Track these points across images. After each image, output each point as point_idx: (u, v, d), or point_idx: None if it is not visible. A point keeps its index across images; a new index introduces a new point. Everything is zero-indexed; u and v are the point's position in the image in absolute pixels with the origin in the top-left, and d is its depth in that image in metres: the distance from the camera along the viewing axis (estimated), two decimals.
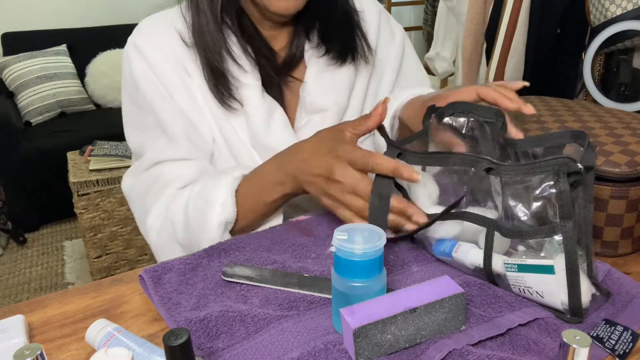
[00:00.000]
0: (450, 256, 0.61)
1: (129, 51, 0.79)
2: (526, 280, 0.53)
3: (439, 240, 0.62)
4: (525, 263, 0.53)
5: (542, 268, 0.52)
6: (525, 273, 0.53)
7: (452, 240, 0.61)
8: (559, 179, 0.51)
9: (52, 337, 0.55)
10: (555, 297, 0.52)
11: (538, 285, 0.53)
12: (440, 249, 0.62)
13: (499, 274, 0.56)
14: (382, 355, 0.48)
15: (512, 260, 0.54)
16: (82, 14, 3.32)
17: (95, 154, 2.27)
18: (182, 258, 0.65)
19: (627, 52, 1.54)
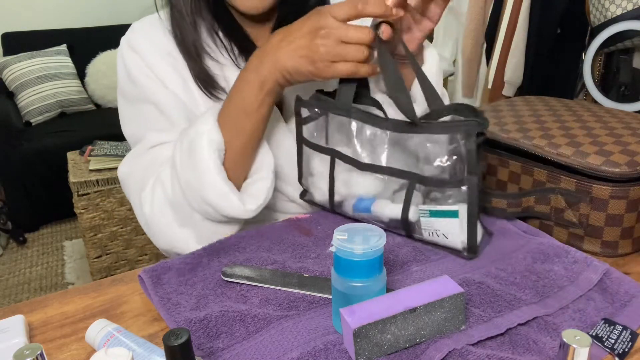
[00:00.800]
0: (369, 211, 0.69)
1: (122, 49, 0.81)
2: (435, 224, 0.64)
3: (360, 198, 0.70)
4: (436, 209, 0.63)
5: (449, 213, 0.62)
6: (435, 218, 0.63)
7: (371, 198, 0.69)
8: (469, 138, 0.59)
9: (52, 337, 0.55)
10: (457, 238, 0.63)
11: (444, 228, 0.63)
12: (361, 205, 0.69)
13: (413, 221, 0.65)
14: (382, 355, 0.48)
15: (425, 207, 0.64)
16: (82, 14, 3.32)
17: (95, 154, 2.27)
18: (182, 257, 0.65)
19: (627, 52, 1.54)
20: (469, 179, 0.60)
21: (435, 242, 0.66)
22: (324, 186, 0.73)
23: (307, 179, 0.76)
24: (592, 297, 0.56)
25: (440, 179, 0.62)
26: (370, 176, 0.68)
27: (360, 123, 0.68)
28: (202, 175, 0.68)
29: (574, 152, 0.65)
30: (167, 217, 0.74)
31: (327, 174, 0.72)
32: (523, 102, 0.84)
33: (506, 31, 1.83)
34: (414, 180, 0.64)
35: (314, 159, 0.74)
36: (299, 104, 0.72)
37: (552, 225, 0.69)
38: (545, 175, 0.68)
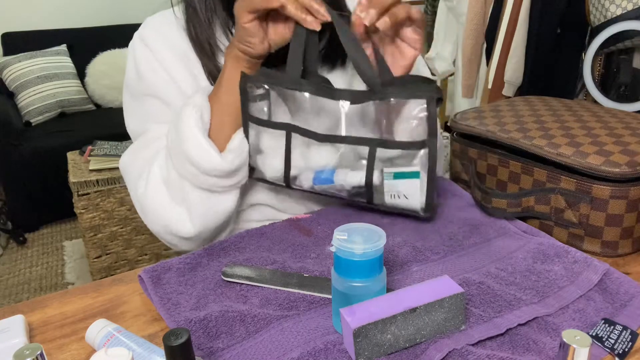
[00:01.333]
0: (331, 181, 0.70)
1: (135, 43, 0.81)
2: (398, 186, 0.67)
3: (318, 171, 0.71)
4: (399, 171, 0.67)
5: (411, 174, 0.66)
6: (398, 180, 0.67)
7: (331, 169, 0.70)
8: (431, 102, 0.63)
9: (52, 337, 0.55)
10: (417, 198, 0.67)
11: (406, 189, 0.67)
12: (322, 176, 0.70)
13: (377, 184, 0.68)
14: (382, 355, 0.48)
15: (390, 169, 0.67)
16: (82, 14, 3.32)
17: (95, 154, 2.27)
18: (182, 257, 0.65)
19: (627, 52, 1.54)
20: (430, 141, 0.64)
21: (395, 205, 0.69)
22: (276, 162, 0.73)
23: (255, 157, 0.74)
24: (592, 297, 0.56)
25: (402, 142, 0.65)
26: (329, 147, 0.69)
27: (314, 96, 0.68)
28: (182, 130, 0.70)
29: (574, 152, 0.65)
30: (161, 194, 0.74)
31: (280, 150, 0.72)
32: (523, 102, 0.84)
33: (506, 31, 1.83)
34: (374, 145, 0.66)
35: (262, 136, 0.73)
36: (245, 79, 0.70)
37: (552, 225, 0.69)
38: (545, 175, 0.68)
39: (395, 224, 0.72)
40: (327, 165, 0.71)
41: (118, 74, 3.15)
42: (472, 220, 0.71)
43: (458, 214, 0.73)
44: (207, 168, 0.70)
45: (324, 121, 0.69)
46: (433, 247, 0.66)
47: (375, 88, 0.64)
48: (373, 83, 0.64)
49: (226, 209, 0.74)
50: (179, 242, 0.76)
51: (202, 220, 0.73)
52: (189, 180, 0.72)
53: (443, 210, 0.75)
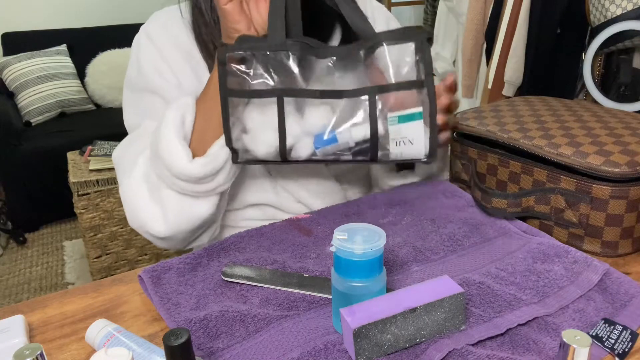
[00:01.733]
0: (335, 140, 0.66)
1: (140, 37, 0.81)
2: (403, 130, 0.65)
3: (318, 133, 0.67)
4: (403, 114, 0.65)
5: (415, 115, 0.64)
6: (402, 124, 0.65)
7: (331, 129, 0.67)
8: (423, 44, 0.63)
9: (52, 337, 0.55)
10: (421, 142, 0.65)
11: (411, 133, 0.65)
12: (324, 138, 0.67)
13: (382, 134, 0.65)
14: (382, 355, 0.48)
15: (393, 114, 0.65)
16: (82, 14, 3.32)
17: (95, 154, 2.27)
18: (182, 257, 0.65)
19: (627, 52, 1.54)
20: (427, 81, 0.63)
21: (400, 153, 0.67)
22: (269, 136, 0.68)
23: (241, 139, 0.69)
24: (592, 297, 0.56)
25: (400, 82, 0.64)
26: (326, 107, 0.67)
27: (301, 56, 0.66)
28: (160, 130, 0.70)
29: (574, 152, 0.65)
30: (141, 191, 0.74)
31: (269, 121, 0.67)
32: (523, 102, 0.84)
33: (506, 31, 1.83)
34: (373, 92, 0.64)
35: (247, 112, 0.69)
36: (224, 49, 0.65)
37: (552, 225, 0.69)
38: (545, 175, 0.68)
39: (395, 224, 0.72)
40: (326, 125, 0.67)
41: (118, 74, 3.15)
42: (472, 220, 0.71)
43: (458, 214, 0.73)
44: (175, 171, 0.69)
45: (315, 82, 0.66)
46: (433, 247, 0.66)
47: (368, 35, 0.64)
48: (367, 31, 0.64)
49: (201, 215, 0.73)
50: (154, 241, 0.76)
51: (175, 223, 0.72)
52: (164, 182, 0.71)
53: (443, 210, 0.75)
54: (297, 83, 0.66)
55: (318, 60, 0.66)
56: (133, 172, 0.75)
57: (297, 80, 0.66)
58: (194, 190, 0.71)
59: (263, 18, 0.66)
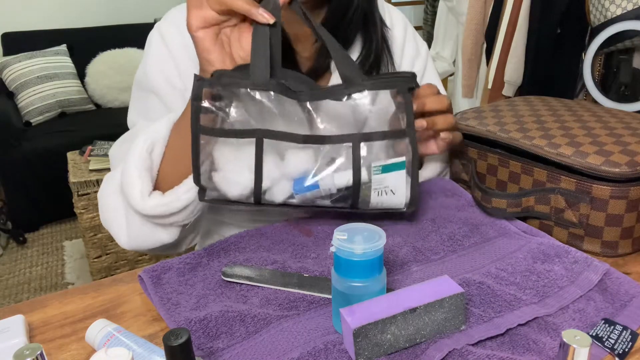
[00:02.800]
0: (316, 187, 0.64)
1: (153, 35, 0.81)
2: (386, 180, 0.65)
3: (298, 178, 0.64)
4: (387, 163, 0.65)
5: (398, 165, 0.64)
6: (386, 173, 0.65)
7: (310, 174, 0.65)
8: (406, 91, 0.63)
9: (52, 337, 0.55)
10: (402, 193, 0.65)
11: (393, 183, 0.65)
12: (305, 184, 0.64)
13: (365, 182, 0.64)
14: (382, 355, 0.48)
15: (377, 163, 0.64)
16: (82, 14, 3.33)
17: (95, 154, 2.27)
18: (182, 257, 0.65)
19: (627, 52, 1.54)
20: (409, 131, 0.63)
21: (380, 203, 0.66)
22: (244, 177, 0.63)
23: (210, 177, 0.64)
24: (592, 297, 0.56)
25: (385, 131, 0.63)
26: (307, 150, 0.64)
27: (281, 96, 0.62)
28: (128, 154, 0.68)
29: (574, 152, 0.65)
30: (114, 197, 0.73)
31: (244, 163, 0.63)
32: (523, 102, 0.84)
33: (506, 31, 1.83)
34: (357, 140, 0.63)
35: (220, 150, 0.63)
36: (200, 84, 0.61)
37: (552, 225, 0.69)
38: (545, 175, 0.68)
39: (395, 224, 0.72)
40: (308, 170, 0.64)
41: (118, 74, 3.15)
42: (472, 220, 0.71)
43: (458, 214, 0.73)
44: (130, 202, 0.68)
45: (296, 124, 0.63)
46: (433, 247, 0.66)
47: (355, 80, 0.63)
48: (352, 76, 0.63)
49: (162, 241, 0.72)
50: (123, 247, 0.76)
51: (135, 242, 0.72)
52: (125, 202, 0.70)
53: (443, 210, 0.75)
54: (276, 124, 0.62)
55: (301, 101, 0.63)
56: (114, 176, 0.74)
57: (276, 121, 0.62)
58: (153, 221, 0.70)
59: (246, 51, 0.63)
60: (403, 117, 0.64)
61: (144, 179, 0.67)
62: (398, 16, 0.92)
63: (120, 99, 3.18)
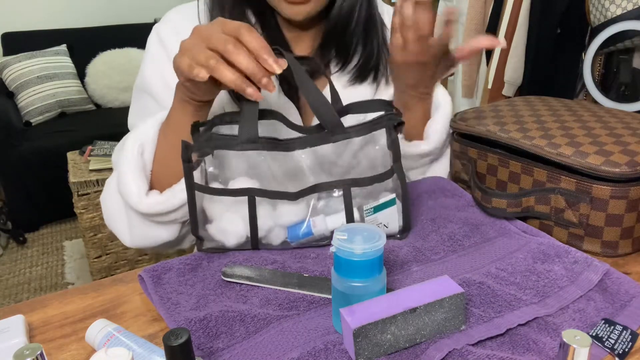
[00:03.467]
0: (310, 234, 0.66)
1: (151, 38, 0.81)
2: (378, 218, 0.66)
3: (291, 226, 0.66)
4: (378, 203, 0.66)
5: (389, 202, 0.66)
6: (378, 213, 0.66)
7: (302, 221, 0.66)
8: (391, 130, 0.63)
9: (52, 337, 0.55)
10: (395, 224, 0.67)
11: (386, 218, 0.66)
12: (299, 232, 0.66)
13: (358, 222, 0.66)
14: (382, 355, 0.48)
15: (368, 205, 0.66)
16: (82, 14, 3.33)
17: (95, 154, 2.27)
18: (182, 258, 0.65)
19: (627, 52, 1.54)
20: (397, 167, 0.64)
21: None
22: (238, 228, 0.65)
23: (205, 228, 0.66)
24: (592, 297, 0.56)
25: (373, 176, 0.64)
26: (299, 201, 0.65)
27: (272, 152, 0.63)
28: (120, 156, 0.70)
29: (574, 152, 0.65)
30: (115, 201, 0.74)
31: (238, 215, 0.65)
32: (523, 102, 0.84)
33: (506, 31, 1.83)
34: (347, 185, 0.64)
35: (212, 204, 0.66)
36: (188, 149, 0.61)
37: (552, 225, 0.69)
38: (545, 175, 0.68)
39: None
40: (300, 218, 0.66)
41: (118, 74, 3.15)
42: (472, 220, 0.71)
43: (458, 214, 0.73)
44: (128, 203, 0.69)
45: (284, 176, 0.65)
46: (433, 247, 0.66)
47: (336, 130, 0.62)
48: (333, 125, 0.62)
49: (163, 239, 0.73)
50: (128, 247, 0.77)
51: (138, 240, 0.73)
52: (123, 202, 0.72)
53: (443, 210, 0.75)
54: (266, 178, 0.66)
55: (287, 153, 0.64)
56: (110, 182, 0.76)
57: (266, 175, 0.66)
58: (151, 220, 0.71)
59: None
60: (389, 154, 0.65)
61: (139, 179, 0.68)
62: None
63: (120, 99, 3.18)
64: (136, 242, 0.74)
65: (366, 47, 0.82)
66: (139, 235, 0.73)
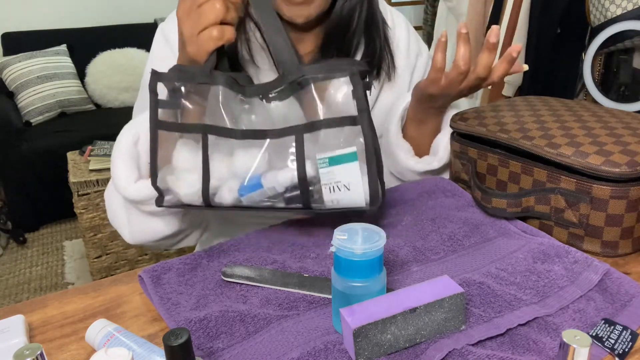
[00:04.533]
0: (260, 186, 0.60)
1: (157, 36, 0.82)
2: (336, 174, 0.59)
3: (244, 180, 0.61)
4: (334, 155, 0.59)
5: (347, 156, 0.58)
6: (334, 166, 0.58)
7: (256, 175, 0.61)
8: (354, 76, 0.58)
9: (52, 337, 0.55)
10: (359, 188, 0.59)
11: (346, 177, 0.59)
12: (248, 183, 0.61)
13: (312, 177, 0.59)
14: (382, 355, 0.48)
15: (323, 155, 0.59)
16: (82, 14, 3.32)
17: (95, 154, 2.27)
18: (182, 258, 0.65)
19: (627, 52, 1.54)
20: (361, 117, 0.58)
21: (336, 201, 0.60)
22: (193, 177, 0.62)
23: (166, 178, 0.63)
24: (593, 297, 0.56)
25: (329, 119, 0.58)
26: (254, 149, 0.61)
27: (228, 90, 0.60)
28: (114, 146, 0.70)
29: (574, 152, 0.65)
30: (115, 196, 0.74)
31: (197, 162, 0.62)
32: (523, 102, 0.84)
33: (506, 31, 1.83)
34: (299, 131, 0.59)
35: (178, 152, 0.63)
36: (155, 77, 0.61)
37: (552, 225, 0.69)
38: (545, 175, 0.68)
39: (395, 225, 0.72)
40: (255, 170, 0.61)
41: (118, 74, 3.15)
42: (472, 220, 0.71)
43: (458, 214, 0.73)
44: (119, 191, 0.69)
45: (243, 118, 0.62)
46: (433, 247, 0.66)
47: (292, 71, 0.60)
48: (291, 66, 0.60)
49: (161, 232, 0.73)
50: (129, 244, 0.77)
51: (138, 236, 0.73)
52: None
53: (443, 210, 0.75)
54: (224, 121, 0.61)
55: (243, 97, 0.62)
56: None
57: (222, 115, 0.61)
58: (146, 210, 0.71)
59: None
60: (353, 104, 0.58)
61: (129, 167, 0.68)
62: (399, 17, 0.93)
63: (120, 99, 3.18)
64: (135, 237, 0.74)
65: (368, 47, 0.82)
66: (137, 229, 0.73)
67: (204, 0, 0.59)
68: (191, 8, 0.59)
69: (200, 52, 0.60)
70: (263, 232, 0.71)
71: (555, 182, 0.67)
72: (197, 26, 0.59)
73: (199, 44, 0.60)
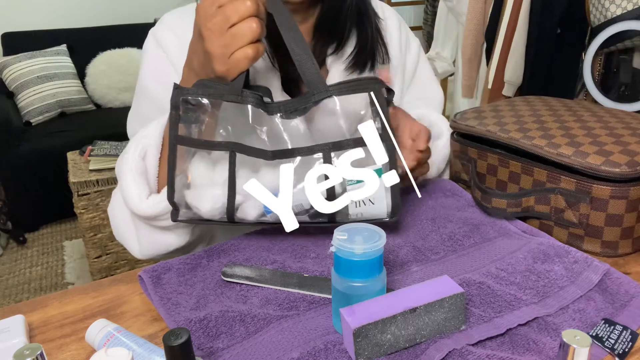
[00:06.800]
0: None
1: (148, 41, 0.81)
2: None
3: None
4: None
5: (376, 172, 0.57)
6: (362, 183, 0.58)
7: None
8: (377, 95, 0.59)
9: (52, 337, 0.55)
10: (383, 202, 0.62)
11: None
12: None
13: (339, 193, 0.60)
14: (382, 355, 0.48)
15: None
16: (82, 14, 3.32)
17: (95, 154, 2.27)
18: (182, 258, 0.65)
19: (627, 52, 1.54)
20: (384, 134, 0.59)
21: (360, 215, 0.62)
22: (216, 192, 0.62)
23: (183, 194, 0.64)
24: (593, 297, 0.56)
25: (356, 138, 0.59)
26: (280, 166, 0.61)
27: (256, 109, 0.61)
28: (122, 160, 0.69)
29: (574, 152, 0.65)
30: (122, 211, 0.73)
31: (219, 179, 0.62)
32: (523, 102, 0.84)
33: (506, 31, 1.83)
34: (327, 149, 0.60)
35: (195, 166, 0.64)
36: (178, 92, 0.60)
37: (552, 225, 0.69)
38: (545, 175, 0.68)
39: (395, 225, 0.72)
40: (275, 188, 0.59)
41: (118, 74, 3.15)
42: (472, 220, 0.71)
43: (458, 214, 0.73)
44: (130, 207, 0.68)
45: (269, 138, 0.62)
46: (433, 247, 0.66)
47: (319, 88, 0.60)
48: (317, 82, 0.60)
49: (171, 245, 0.72)
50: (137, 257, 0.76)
51: (147, 250, 0.72)
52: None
53: (443, 210, 0.75)
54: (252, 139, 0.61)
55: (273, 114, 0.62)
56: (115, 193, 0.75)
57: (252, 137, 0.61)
58: (157, 225, 0.70)
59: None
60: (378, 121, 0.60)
61: (139, 183, 0.67)
62: (390, 10, 0.94)
63: (120, 99, 3.18)
64: (145, 252, 0.72)
65: (361, 33, 0.82)
66: (148, 243, 0.71)
67: (237, 19, 0.56)
68: (222, 26, 0.57)
69: (233, 71, 0.58)
70: (263, 232, 0.71)
71: (555, 182, 0.67)
72: (231, 46, 0.57)
73: (231, 64, 0.58)
